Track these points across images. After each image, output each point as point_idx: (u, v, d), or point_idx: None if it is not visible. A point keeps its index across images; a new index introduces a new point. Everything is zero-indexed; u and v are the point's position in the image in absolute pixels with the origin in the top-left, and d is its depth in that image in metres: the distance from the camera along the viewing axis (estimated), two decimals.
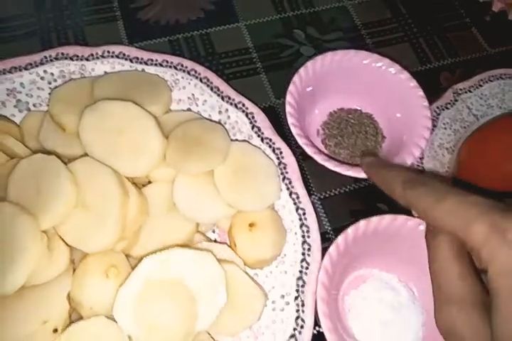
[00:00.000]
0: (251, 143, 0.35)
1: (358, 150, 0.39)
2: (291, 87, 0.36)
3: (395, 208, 0.32)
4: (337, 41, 0.45)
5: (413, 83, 0.37)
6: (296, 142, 0.35)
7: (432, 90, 0.40)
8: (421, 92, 0.37)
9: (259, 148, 0.35)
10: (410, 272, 0.33)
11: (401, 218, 0.32)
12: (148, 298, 0.27)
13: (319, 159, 0.34)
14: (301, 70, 0.37)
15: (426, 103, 0.36)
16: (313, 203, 0.37)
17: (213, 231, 0.35)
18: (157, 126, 0.32)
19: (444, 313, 0.22)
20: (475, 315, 0.21)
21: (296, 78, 0.37)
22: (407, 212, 0.32)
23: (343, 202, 0.38)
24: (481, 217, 0.20)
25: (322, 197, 0.38)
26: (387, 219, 0.32)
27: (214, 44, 0.44)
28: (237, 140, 0.35)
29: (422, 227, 0.32)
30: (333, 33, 0.45)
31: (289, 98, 0.36)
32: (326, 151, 0.39)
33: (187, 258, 0.28)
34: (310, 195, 0.38)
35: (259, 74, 0.43)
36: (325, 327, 0.28)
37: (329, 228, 0.37)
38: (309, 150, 0.34)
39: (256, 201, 0.32)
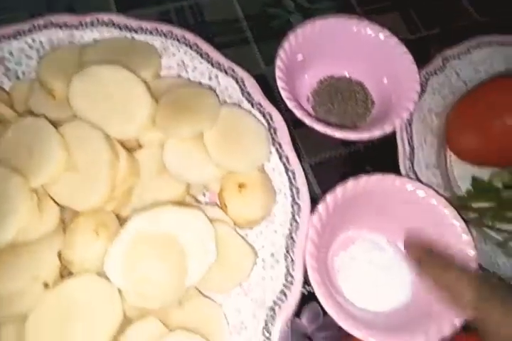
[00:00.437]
0: (242, 108, 0.35)
1: (348, 117, 0.39)
2: (280, 52, 0.36)
3: (384, 171, 0.32)
4: (327, 10, 0.44)
5: (402, 48, 0.37)
6: (287, 108, 0.35)
7: (422, 58, 0.40)
8: (410, 57, 0.36)
9: (249, 111, 0.35)
10: (398, 231, 0.33)
11: (389, 177, 0.32)
12: (138, 253, 0.27)
13: (307, 121, 0.34)
14: (291, 36, 0.36)
15: (415, 67, 0.36)
16: (303, 168, 0.37)
17: (204, 195, 0.35)
18: (146, 89, 0.32)
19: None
20: None
21: (285, 43, 0.36)
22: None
23: (333, 167, 0.38)
24: None
25: (312, 162, 0.38)
26: (375, 178, 0.32)
27: (204, 13, 0.43)
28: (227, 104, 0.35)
29: (410, 186, 0.32)
30: (323, 2, 0.45)
31: (278, 62, 0.35)
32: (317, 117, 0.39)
33: (177, 215, 0.28)
34: (300, 160, 0.37)
35: (249, 43, 0.42)
36: (313, 281, 0.29)
37: (319, 191, 0.37)
38: (298, 113, 0.34)
39: (245, 162, 0.31)
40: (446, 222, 0.31)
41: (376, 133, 0.34)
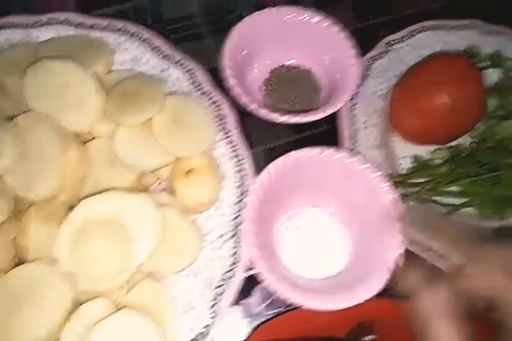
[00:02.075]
0: (189, 97, 0.35)
1: (298, 104, 0.39)
2: (227, 42, 0.35)
3: None
4: (280, 3, 0.44)
5: (343, 35, 0.36)
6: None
7: (370, 46, 0.40)
8: (350, 42, 0.36)
9: (196, 100, 0.35)
10: (340, 204, 0.33)
11: (329, 150, 0.32)
12: (85, 237, 0.27)
13: (252, 107, 0.33)
14: (237, 27, 0.36)
15: (355, 52, 0.36)
16: (255, 154, 0.37)
17: (159, 183, 0.34)
18: (97, 82, 0.32)
19: None
20: None
21: (232, 34, 0.36)
22: None
23: (285, 152, 0.38)
24: None
25: (264, 148, 0.38)
26: (315, 151, 0.32)
27: (161, 11, 0.43)
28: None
29: (350, 160, 0.32)
30: None
31: (225, 52, 0.35)
32: (267, 106, 0.39)
33: (123, 200, 0.28)
34: (252, 147, 0.37)
35: (204, 37, 0.42)
36: (253, 256, 0.29)
37: None
38: (243, 99, 0.33)
39: (190, 146, 0.31)
40: (379, 191, 0.31)
41: (318, 115, 0.34)
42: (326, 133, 0.39)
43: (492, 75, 0.39)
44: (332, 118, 0.37)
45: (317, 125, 0.39)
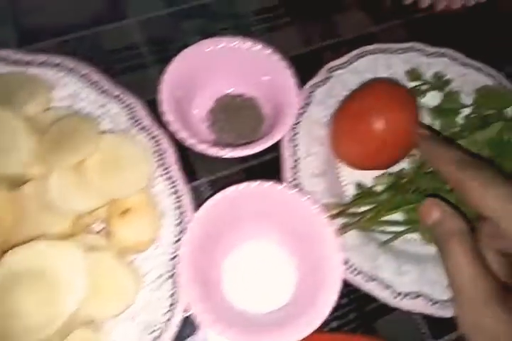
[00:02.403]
0: (126, 134, 0.34)
1: (242, 134, 0.38)
2: (162, 85, 0.34)
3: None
4: (226, 30, 0.44)
5: (284, 64, 0.36)
6: None
7: (316, 71, 0.40)
8: (290, 72, 0.36)
9: (134, 137, 0.34)
10: (285, 236, 0.33)
11: (269, 183, 0.32)
12: (9, 289, 0.26)
13: (190, 142, 0.33)
14: (169, 66, 0.35)
15: (294, 81, 0.35)
16: (199, 186, 0.37)
17: (98, 223, 0.34)
18: (25, 125, 0.31)
19: (470, 312, 0.22)
20: (499, 310, 0.21)
21: (165, 75, 0.35)
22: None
23: (230, 183, 0.37)
24: None
25: (209, 180, 0.37)
26: (255, 184, 0.32)
27: (103, 42, 0.42)
28: (112, 132, 0.34)
29: (290, 192, 0.32)
30: (222, 22, 0.44)
31: (163, 86, 0.35)
32: (211, 137, 0.39)
33: (51, 248, 0.27)
34: (196, 179, 0.37)
35: (148, 67, 0.41)
36: (188, 297, 0.28)
37: None
38: (180, 135, 0.33)
39: (125, 186, 0.31)
40: (318, 223, 0.31)
41: (256, 148, 0.33)
42: (272, 162, 0.38)
43: (436, 97, 0.40)
44: (278, 146, 0.37)
45: (263, 153, 0.39)
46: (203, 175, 0.38)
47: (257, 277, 0.33)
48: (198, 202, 0.34)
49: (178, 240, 0.31)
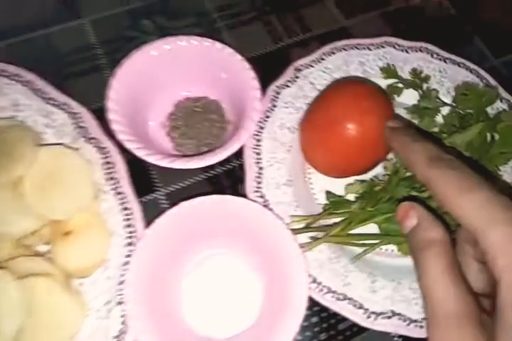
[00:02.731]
0: (71, 146, 0.31)
1: (204, 140, 0.36)
2: (110, 93, 0.31)
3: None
4: (187, 27, 0.40)
5: (244, 64, 0.33)
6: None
7: (285, 70, 0.37)
8: (251, 73, 0.33)
9: (81, 149, 0.31)
10: (249, 252, 0.31)
11: (226, 198, 0.29)
12: None
13: (140, 154, 0.30)
14: (119, 72, 0.32)
15: (256, 83, 0.32)
16: (156, 199, 0.34)
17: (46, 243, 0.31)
18: None
19: (442, 332, 0.19)
20: (475, 333, 0.18)
21: (114, 81, 0.32)
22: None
23: (190, 194, 0.35)
24: (508, 223, 0.18)
25: (169, 191, 0.35)
26: (208, 199, 0.29)
27: (55, 44, 0.39)
28: (57, 144, 0.32)
29: (250, 205, 0.29)
30: (183, 20, 0.41)
31: (111, 104, 0.31)
32: (171, 144, 0.36)
33: None
34: (154, 191, 0.34)
35: (104, 70, 0.38)
36: (135, 330, 0.26)
37: None
38: (130, 146, 0.30)
39: (64, 206, 0.28)
40: (281, 240, 0.29)
41: (214, 159, 0.30)
42: (239, 169, 0.35)
43: (414, 95, 0.37)
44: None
45: (228, 161, 0.36)
46: (162, 187, 0.35)
47: (219, 297, 0.30)
48: (155, 216, 0.31)
49: (126, 263, 0.29)
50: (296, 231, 0.30)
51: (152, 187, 0.35)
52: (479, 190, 0.20)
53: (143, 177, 0.35)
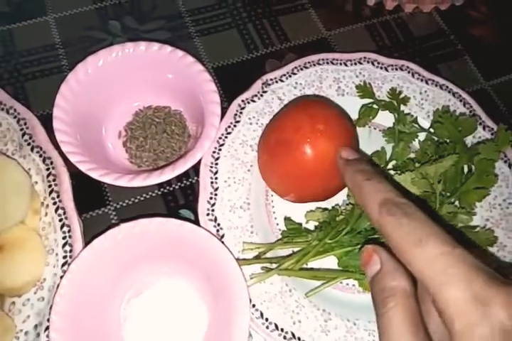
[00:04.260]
0: (12, 155, 0.30)
1: (161, 152, 0.33)
2: (58, 99, 0.30)
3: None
4: (157, 31, 0.38)
5: (205, 75, 0.31)
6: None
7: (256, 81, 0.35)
8: (212, 86, 0.31)
9: (24, 158, 0.29)
10: (194, 279, 0.29)
11: (170, 222, 0.27)
12: None
13: (83, 169, 0.28)
14: (71, 77, 0.30)
15: (216, 97, 0.30)
16: (107, 214, 0.32)
17: None
18: None
19: None
20: None
21: (64, 87, 0.30)
22: None
23: (143, 210, 0.33)
24: (465, 283, 0.16)
25: (119, 206, 0.33)
26: (151, 222, 0.27)
27: (16, 41, 0.37)
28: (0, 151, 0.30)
29: (196, 230, 0.27)
30: (153, 22, 0.39)
31: (57, 112, 0.29)
32: (126, 155, 0.34)
33: None
34: (105, 205, 0.33)
35: (65, 72, 0.36)
36: None
37: None
38: (73, 159, 0.28)
39: None
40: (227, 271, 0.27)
41: (163, 177, 0.29)
42: (194, 187, 0.33)
43: (391, 116, 0.35)
44: None
45: (186, 177, 0.34)
46: (113, 201, 0.33)
47: (163, 323, 0.28)
48: (102, 232, 0.29)
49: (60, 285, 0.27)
50: (245, 262, 0.28)
51: (103, 201, 0.33)
52: (432, 242, 0.18)
53: (94, 190, 0.33)
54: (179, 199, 0.33)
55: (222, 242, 0.28)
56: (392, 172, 0.32)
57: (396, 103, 0.34)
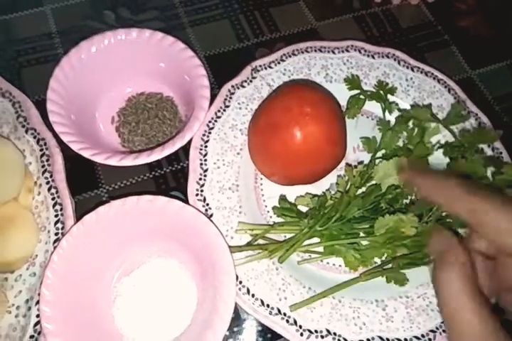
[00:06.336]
0: (8, 136, 0.31)
1: (153, 137, 0.35)
2: (52, 82, 0.31)
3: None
4: (150, 21, 0.40)
5: (196, 61, 0.32)
6: None
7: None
8: (202, 71, 0.32)
9: (18, 139, 0.31)
10: (184, 257, 0.30)
11: (160, 199, 0.28)
12: None
13: (74, 147, 0.29)
14: (64, 61, 0.32)
15: (205, 81, 0.31)
16: (99, 196, 0.33)
17: None
18: None
19: None
20: None
21: (58, 70, 0.31)
22: None
23: (135, 192, 0.34)
24: None
25: (111, 188, 0.34)
26: (141, 199, 0.28)
27: (13, 30, 0.38)
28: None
29: (184, 209, 0.28)
30: (147, 13, 0.40)
31: (51, 95, 0.30)
32: (119, 140, 0.35)
33: None
34: (98, 187, 0.34)
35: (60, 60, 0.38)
36: (47, 333, 0.25)
37: None
38: (65, 138, 0.29)
39: None
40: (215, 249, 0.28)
41: (152, 157, 0.30)
42: (185, 170, 0.34)
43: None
44: None
45: (177, 160, 0.35)
46: (105, 183, 0.34)
47: (153, 303, 0.29)
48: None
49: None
50: (237, 249, 0.29)
51: (96, 184, 0.34)
52: None
53: (87, 173, 0.34)
54: (170, 182, 0.34)
55: (211, 221, 0.29)
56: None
57: (383, 93, 0.35)
